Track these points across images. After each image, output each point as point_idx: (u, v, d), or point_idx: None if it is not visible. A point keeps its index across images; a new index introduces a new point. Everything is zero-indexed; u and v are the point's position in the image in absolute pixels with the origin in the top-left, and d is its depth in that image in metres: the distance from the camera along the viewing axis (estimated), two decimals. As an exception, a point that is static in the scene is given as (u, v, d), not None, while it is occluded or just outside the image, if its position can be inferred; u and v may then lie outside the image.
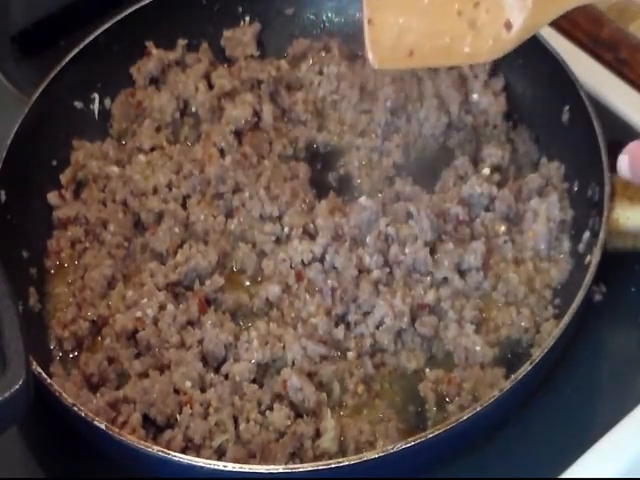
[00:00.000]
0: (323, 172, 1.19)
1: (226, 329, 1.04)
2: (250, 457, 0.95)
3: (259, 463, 0.94)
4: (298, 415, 0.98)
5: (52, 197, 1.16)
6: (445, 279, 1.05)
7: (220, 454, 0.96)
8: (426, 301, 1.03)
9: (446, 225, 1.08)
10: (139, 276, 1.09)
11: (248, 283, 1.10)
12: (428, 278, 1.05)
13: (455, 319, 1.03)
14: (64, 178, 1.18)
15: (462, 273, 1.06)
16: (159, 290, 1.07)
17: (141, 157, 1.19)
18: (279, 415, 0.97)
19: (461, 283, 1.05)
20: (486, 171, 1.14)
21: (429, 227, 1.06)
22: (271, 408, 0.98)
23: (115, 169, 1.18)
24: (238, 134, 1.21)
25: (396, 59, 1.04)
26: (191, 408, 0.98)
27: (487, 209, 1.11)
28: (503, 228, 1.09)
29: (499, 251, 1.08)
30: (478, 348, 1.00)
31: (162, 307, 1.05)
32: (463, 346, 1.01)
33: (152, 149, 1.20)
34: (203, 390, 1.00)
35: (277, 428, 0.97)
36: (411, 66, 1.10)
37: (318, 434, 0.97)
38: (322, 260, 1.07)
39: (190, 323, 1.05)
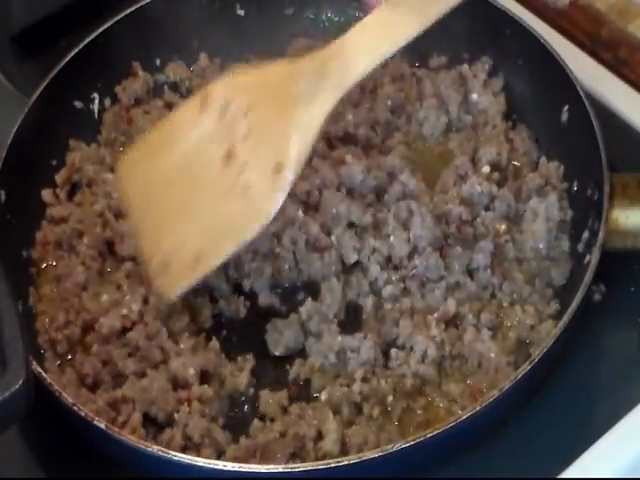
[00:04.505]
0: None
1: None
2: (250, 457, 0.95)
3: (259, 463, 0.94)
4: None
5: (46, 194, 1.16)
6: (457, 283, 1.05)
7: (219, 453, 0.96)
8: (452, 313, 1.02)
9: (449, 226, 1.08)
10: (115, 277, 1.09)
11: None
12: (443, 283, 1.04)
13: (473, 323, 1.02)
14: (59, 178, 1.18)
15: (470, 273, 1.06)
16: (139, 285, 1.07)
17: None
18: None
19: (473, 285, 1.05)
20: (486, 169, 1.14)
21: (431, 231, 1.06)
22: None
23: (110, 176, 1.18)
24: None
25: (185, 277, 0.96)
26: (189, 405, 0.98)
27: (487, 208, 1.11)
28: (504, 227, 1.09)
29: (501, 250, 1.08)
30: (493, 355, 0.99)
31: (145, 300, 1.05)
32: (478, 352, 1.00)
33: None
34: (203, 382, 1.00)
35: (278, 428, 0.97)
36: (200, 274, 0.97)
37: (320, 436, 0.97)
38: None
39: None
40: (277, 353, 1.04)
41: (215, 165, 0.95)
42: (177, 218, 0.97)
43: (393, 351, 1.01)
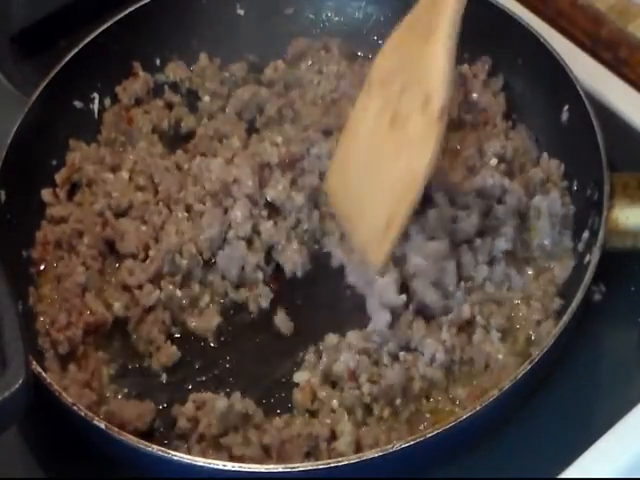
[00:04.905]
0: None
1: None
2: (267, 458, 0.95)
3: (276, 463, 0.94)
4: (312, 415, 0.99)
5: (46, 194, 1.16)
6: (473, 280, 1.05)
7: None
8: (465, 318, 1.02)
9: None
10: (116, 277, 1.10)
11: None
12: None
13: (482, 324, 1.02)
14: (59, 178, 1.18)
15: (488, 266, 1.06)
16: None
17: (124, 173, 1.19)
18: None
19: (491, 287, 1.04)
20: (493, 161, 1.13)
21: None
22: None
23: (110, 176, 1.18)
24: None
25: (383, 243, 1.01)
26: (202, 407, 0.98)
27: (499, 201, 1.11)
28: (513, 222, 1.10)
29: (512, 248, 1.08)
30: (501, 356, 0.99)
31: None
32: (486, 352, 1.00)
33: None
34: None
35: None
36: (395, 236, 1.00)
37: (334, 436, 0.97)
38: None
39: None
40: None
41: (385, 133, 1.02)
42: (366, 195, 1.04)
43: (401, 354, 1.01)
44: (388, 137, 1.01)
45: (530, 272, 1.06)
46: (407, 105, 0.99)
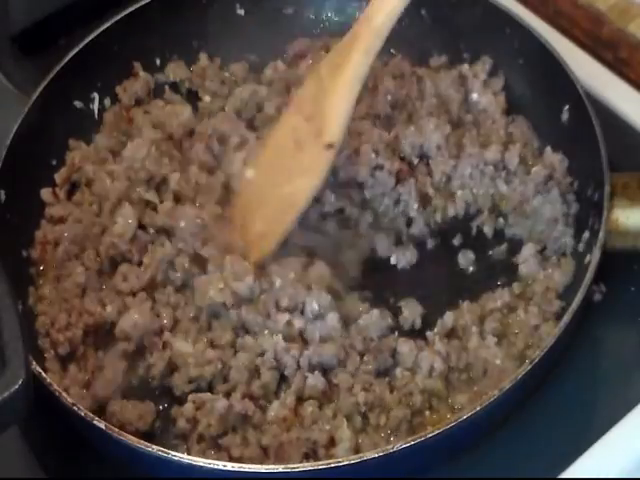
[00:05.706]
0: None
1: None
2: (265, 458, 0.95)
3: (274, 464, 0.94)
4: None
5: (45, 194, 1.16)
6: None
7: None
8: (450, 326, 1.02)
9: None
10: (112, 281, 1.09)
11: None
12: None
13: (477, 331, 1.02)
14: (59, 177, 1.18)
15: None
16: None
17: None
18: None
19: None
20: (489, 169, 1.13)
21: None
22: None
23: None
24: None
25: (256, 252, 1.07)
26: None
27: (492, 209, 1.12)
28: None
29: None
30: (498, 361, 0.99)
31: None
32: (483, 358, 0.99)
33: None
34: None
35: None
36: (266, 249, 1.08)
37: (332, 442, 0.96)
38: None
39: None
40: None
41: (289, 152, 1.08)
42: (263, 200, 1.11)
43: (398, 370, 1.00)
44: (291, 157, 1.08)
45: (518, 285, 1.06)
46: (307, 133, 1.06)
